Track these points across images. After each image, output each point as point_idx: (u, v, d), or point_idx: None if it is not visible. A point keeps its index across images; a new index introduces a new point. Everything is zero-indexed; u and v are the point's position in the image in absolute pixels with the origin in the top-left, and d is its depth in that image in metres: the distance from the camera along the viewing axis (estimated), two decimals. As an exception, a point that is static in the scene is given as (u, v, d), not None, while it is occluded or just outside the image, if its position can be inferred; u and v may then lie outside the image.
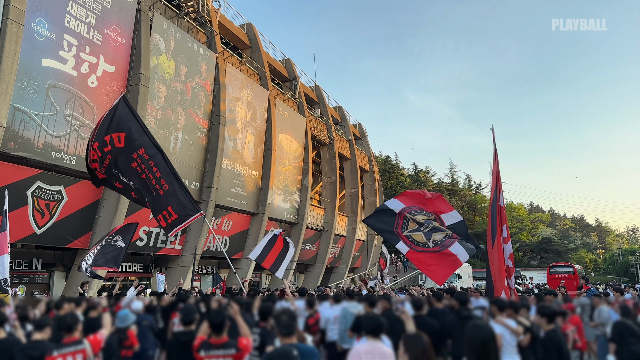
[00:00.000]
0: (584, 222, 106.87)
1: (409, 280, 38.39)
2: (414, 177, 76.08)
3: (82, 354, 4.36)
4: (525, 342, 4.72)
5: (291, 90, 32.88)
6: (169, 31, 20.23)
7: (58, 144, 15.62)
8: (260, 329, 6.15)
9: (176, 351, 4.54)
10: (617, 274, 68.53)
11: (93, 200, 17.31)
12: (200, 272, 24.54)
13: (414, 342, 3.44)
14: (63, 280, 17.95)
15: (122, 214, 17.31)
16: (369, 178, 44.89)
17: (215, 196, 22.32)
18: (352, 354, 4.10)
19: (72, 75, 16.10)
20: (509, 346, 4.72)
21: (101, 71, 17.19)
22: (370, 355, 4.08)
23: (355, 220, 39.27)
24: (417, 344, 3.40)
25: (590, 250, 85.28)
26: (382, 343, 4.26)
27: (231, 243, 25.08)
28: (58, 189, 15.92)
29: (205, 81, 22.56)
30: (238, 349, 4.18)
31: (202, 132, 22.34)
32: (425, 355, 3.33)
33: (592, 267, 76.95)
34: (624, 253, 75.29)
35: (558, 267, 38.91)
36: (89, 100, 16.68)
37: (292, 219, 30.36)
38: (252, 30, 29.03)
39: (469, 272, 42.18)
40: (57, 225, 15.98)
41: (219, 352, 4.18)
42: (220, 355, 4.16)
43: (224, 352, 4.18)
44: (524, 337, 4.80)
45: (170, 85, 20.34)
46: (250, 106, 26.09)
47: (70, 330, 4.80)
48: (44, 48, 15.25)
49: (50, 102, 15.38)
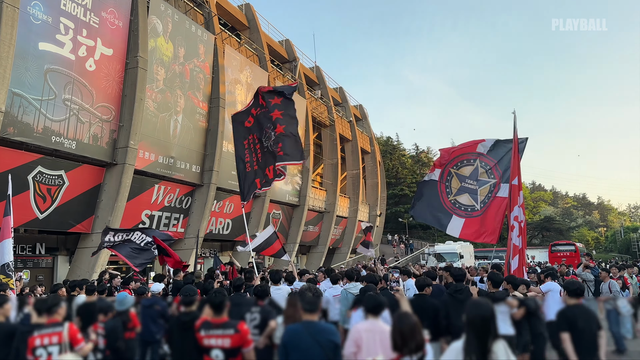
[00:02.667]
0: (586, 200, 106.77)
1: (411, 260, 38.56)
2: (416, 157, 75.96)
3: (57, 336, 4.39)
4: (518, 315, 4.74)
5: (291, 71, 32.64)
6: (166, 13, 20.01)
7: (58, 129, 15.58)
8: (260, 307, 6.21)
9: (177, 332, 4.57)
10: (618, 252, 68.75)
11: (94, 185, 17.33)
12: (203, 254, 24.66)
13: (402, 320, 3.49)
14: (67, 265, 18.08)
15: (124, 198, 17.35)
16: (370, 159, 44.83)
17: (217, 179, 22.33)
18: (352, 332, 4.13)
19: (70, 59, 15.98)
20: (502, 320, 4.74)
21: (99, 54, 17.06)
22: (371, 333, 4.11)
23: (357, 201, 39.33)
24: (405, 322, 3.46)
25: (592, 229, 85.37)
26: (382, 321, 4.29)
27: (233, 226, 25.16)
28: (59, 174, 15.93)
29: (204, 63, 22.39)
30: (237, 330, 4.20)
31: (202, 115, 22.24)
32: (412, 334, 3.38)
33: (594, 245, 77.10)
34: (625, 231, 75.34)
35: (560, 245, 39.08)
36: (88, 84, 16.59)
37: (293, 201, 30.41)
38: (251, 11, 28.70)
39: (470, 251, 42.27)
40: (59, 210, 16.03)
41: (217, 331, 4.20)
42: (220, 336, 4.18)
43: (222, 331, 4.20)
44: (517, 310, 4.82)
45: (169, 67, 20.19)
46: (250, 88, 25.92)
47: (49, 311, 4.83)
48: (41, 32, 15.11)
49: (48, 86, 15.30)
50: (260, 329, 4.85)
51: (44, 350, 4.35)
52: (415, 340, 3.36)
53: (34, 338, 4.38)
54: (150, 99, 18.95)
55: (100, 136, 17.12)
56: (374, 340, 4.05)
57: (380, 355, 3.75)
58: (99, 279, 12.92)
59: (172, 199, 20.81)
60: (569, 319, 4.65)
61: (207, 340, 4.20)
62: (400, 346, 3.38)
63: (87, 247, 16.92)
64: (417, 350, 3.35)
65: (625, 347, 5.00)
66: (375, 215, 43.56)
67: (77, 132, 16.19)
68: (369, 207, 43.64)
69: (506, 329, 4.59)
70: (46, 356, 4.34)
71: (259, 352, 4.54)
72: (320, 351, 3.94)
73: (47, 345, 4.36)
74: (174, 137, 20.33)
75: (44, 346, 4.36)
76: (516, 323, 4.68)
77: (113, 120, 17.57)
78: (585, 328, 4.57)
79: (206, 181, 22.01)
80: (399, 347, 3.39)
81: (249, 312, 6.08)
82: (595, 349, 4.51)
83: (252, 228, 26.05)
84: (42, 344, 4.36)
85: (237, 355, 4.21)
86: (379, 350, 4.02)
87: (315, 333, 3.98)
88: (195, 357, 4.31)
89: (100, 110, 17.09)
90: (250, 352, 4.24)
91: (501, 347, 3.21)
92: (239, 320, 4.39)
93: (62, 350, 4.38)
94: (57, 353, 4.36)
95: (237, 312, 6.33)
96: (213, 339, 4.18)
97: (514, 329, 4.64)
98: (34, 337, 4.38)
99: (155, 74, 19.29)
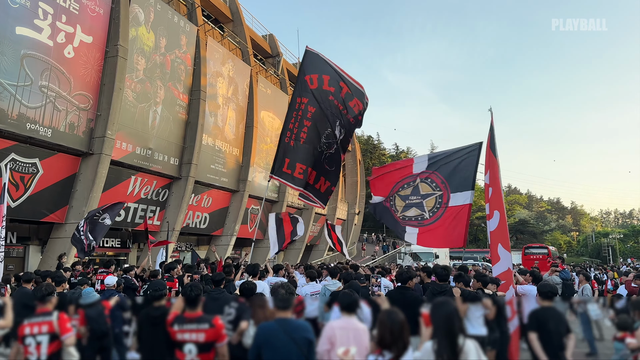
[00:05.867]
0: (560, 204, 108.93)
1: (387, 259, 38.81)
2: (396, 157, 76.39)
3: (47, 325, 4.32)
4: (491, 315, 4.81)
5: (274, 66, 32.49)
6: (148, 2, 19.71)
7: (33, 116, 15.24)
8: (239, 303, 6.17)
9: (147, 327, 4.50)
10: (589, 256, 70.27)
11: (69, 174, 17.01)
12: (179, 248, 24.44)
13: (393, 317, 3.42)
14: (39, 254, 17.72)
15: (99, 188, 17.07)
16: (350, 157, 44.94)
17: (195, 172, 22.12)
18: (326, 330, 4.12)
19: (48, 45, 15.63)
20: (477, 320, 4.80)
21: (78, 41, 16.72)
22: (345, 330, 4.11)
23: (336, 199, 39.40)
24: (396, 320, 3.39)
25: (565, 232, 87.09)
26: (357, 318, 4.30)
27: (211, 220, 24.98)
28: (33, 162, 15.59)
29: (186, 55, 22.13)
30: (212, 325, 4.16)
31: (182, 106, 22.00)
32: (401, 333, 3.32)
33: (566, 249, 78.66)
34: (597, 235, 77.10)
35: (533, 248, 39.66)
36: (66, 71, 16.25)
37: (272, 197, 30.32)
38: (235, 4, 28.44)
39: (445, 251, 42.68)
40: (33, 199, 15.69)
41: (192, 326, 4.15)
42: (194, 330, 4.13)
43: (197, 326, 4.15)
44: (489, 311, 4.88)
45: (150, 57, 19.91)
46: (232, 82, 25.74)
47: (42, 300, 4.75)
48: (18, 16, 14.75)
49: (25, 72, 14.95)
50: (234, 325, 4.82)
51: (33, 339, 4.28)
52: (403, 340, 3.33)
53: (24, 327, 4.31)
54: (129, 89, 18.66)
55: (77, 125, 16.79)
56: (347, 338, 4.05)
57: (353, 348, 3.73)
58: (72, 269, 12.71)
59: (148, 191, 20.54)
60: (539, 320, 4.79)
61: (180, 335, 4.14)
62: (389, 344, 3.34)
63: (60, 237, 16.61)
64: (404, 349, 3.32)
65: (597, 350, 5.13)
66: (353, 213, 43.72)
67: (53, 119, 15.86)
68: (347, 205, 43.77)
69: (479, 330, 4.66)
70: (35, 345, 4.26)
71: (233, 347, 4.51)
72: (295, 348, 3.93)
73: (37, 335, 4.29)
74: (152, 128, 20.07)
75: (33, 335, 4.29)
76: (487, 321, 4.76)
77: (90, 109, 17.26)
78: (555, 330, 4.72)
79: (184, 174, 21.78)
80: (386, 345, 3.34)
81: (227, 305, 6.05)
82: (563, 350, 4.67)
83: (230, 222, 25.91)
84: (32, 332, 4.29)
85: (211, 350, 4.17)
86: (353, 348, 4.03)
87: (290, 330, 3.97)
88: (165, 352, 4.25)
89: (78, 98, 16.76)
90: (223, 347, 4.21)
91: (472, 347, 3.24)
92: (214, 315, 4.35)
93: (51, 340, 4.30)
94: (47, 342, 4.28)
95: (215, 307, 6.30)
96: (187, 333, 4.13)
97: (487, 329, 4.72)
98: (24, 326, 4.31)
99: (135, 64, 19.00)
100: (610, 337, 4.70)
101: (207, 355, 4.14)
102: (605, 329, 5.01)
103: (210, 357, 4.16)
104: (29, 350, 4.27)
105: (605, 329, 5.01)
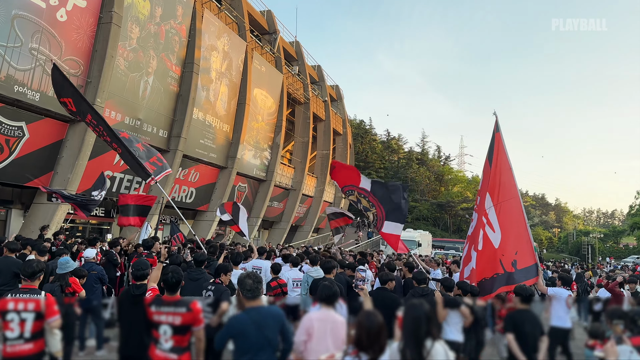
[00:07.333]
0: (545, 200, 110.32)
1: (370, 245, 39.06)
2: (386, 143, 76.43)
3: (34, 303, 4.19)
4: (467, 323, 4.89)
5: (270, 44, 32.11)
6: (146, -31, 19.27)
7: (21, 78, 14.93)
8: (215, 285, 6.16)
9: (127, 306, 4.49)
10: (569, 253, 71.37)
11: (56, 140, 16.77)
12: (164, 220, 24.34)
13: (371, 319, 3.41)
14: (20, 219, 17.56)
15: (86, 156, 16.87)
16: (341, 141, 44.90)
17: (184, 146, 21.95)
18: (304, 321, 4.14)
19: (40, 7, 15.26)
20: (454, 326, 4.89)
21: (71, 5, 16.33)
22: (323, 322, 4.14)
23: (324, 181, 39.43)
24: (374, 321, 3.38)
25: (547, 228, 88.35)
26: (336, 311, 4.32)
27: (197, 195, 24.89)
28: (19, 125, 15.33)
29: (181, 26, 21.76)
30: (189, 309, 4.15)
31: (174, 78, 21.71)
32: (377, 336, 3.31)
33: (547, 245, 79.85)
34: (578, 234, 78.26)
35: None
36: (57, 35, 15.90)
37: (260, 175, 30.24)
38: (234, -23, 27.97)
39: (428, 240, 43.11)
40: (17, 163, 15.47)
41: (169, 309, 4.14)
42: (170, 313, 4.13)
43: (174, 309, 4.14)
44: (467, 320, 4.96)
45: (144, 26, 19.54)
46: (227, 57, 25.41)
47: (32, 276, 4.69)
48: (10, -26, 14.34)
49: (15, 32, 14.59)
50: (213, 308, 4.82)
51: (17, 315, 4.06)
52: (379, 343, 3.33)
53: (7, 301, 4.09)
54: (121, 57, 18.34)
55: (66, 90, 16.48)
56: (324, 330, 4.08)
57: (339, 354, 3.72)
58: (53, 238, 12.63)
59: (136, 162, 20.32)
60: (516, 322, 5.00)
61: (157, 316, 4.14)
62: (366, 346, 3.33)
63: (44, 203, 16.44)
64: (380, 352, 3.31)
65: (571, 351, 5.35)
66: (340, 197, 43.81)
67: (42, 83, 15.56)
68: (335, 189, 43.86)
69: (456, 336, 4.80)
70: (19, 321, 4.06)
71: (210, 330, 4.52)
72: (267, 335, 3.96)
73: (22, 311, 4.07)
74: (142, 98, 19.80)
75: (17, 311, 4.07)
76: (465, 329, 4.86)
77: (81, 75, 16.95)
78: (530, 332, 4.92)
79: (172, 147, 21.61)
80: (363, 347, 3.33)
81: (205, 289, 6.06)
82: (537, 352, 4.86)
83: (217, 199, 25.84)
84: (16, 308, 4.08)
85: (187, 333, 4.17)
86: (330, 340, 4.06)
87: (260, 319, 3.99)
88: (144, 330, 4.25)
89: (68, 63, 16.45)
90: (200, 331, 4.21)
91: (440, 349, 3.26)
92: (193, 299, 4.34)
93: (37, 319, 4.09)
94: (32, 320, 4.07)
95: (193, 287, 6.30)
96: (163, 315, 4.12)
97: (463, 336, 4.85)
98: (7, 300, 4.09)
99: (129, 32, 18.65)
100: (581, 335, 4.90)
101: (181, 337, 4.14)
102: None
103: (185, 339, 4.16)
104: (9, 326, 4.07)
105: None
